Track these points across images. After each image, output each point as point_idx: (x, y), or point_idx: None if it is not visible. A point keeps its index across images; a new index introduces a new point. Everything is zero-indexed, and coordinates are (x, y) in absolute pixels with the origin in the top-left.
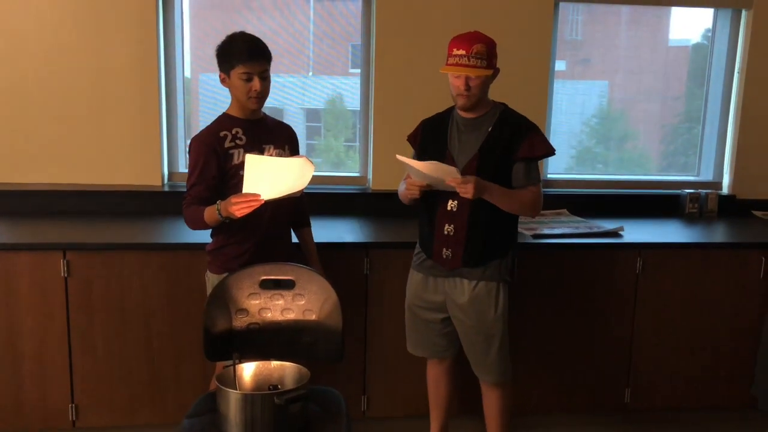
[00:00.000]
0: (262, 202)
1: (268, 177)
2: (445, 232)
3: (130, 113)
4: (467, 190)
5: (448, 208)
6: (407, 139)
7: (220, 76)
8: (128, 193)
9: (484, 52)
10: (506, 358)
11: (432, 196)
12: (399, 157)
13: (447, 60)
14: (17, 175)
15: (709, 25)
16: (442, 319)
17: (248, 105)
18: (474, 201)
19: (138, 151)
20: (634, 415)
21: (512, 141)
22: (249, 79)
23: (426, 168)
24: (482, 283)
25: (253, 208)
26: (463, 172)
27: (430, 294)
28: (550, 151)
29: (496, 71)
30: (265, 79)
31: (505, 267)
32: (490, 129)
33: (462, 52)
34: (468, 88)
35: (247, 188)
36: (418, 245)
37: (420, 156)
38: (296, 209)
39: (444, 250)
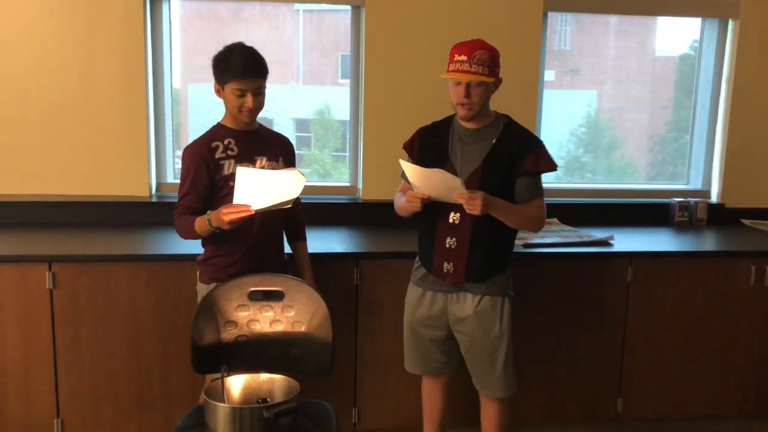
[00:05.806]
0: (253, 212)
1: (258, 189)
2: (447, 246)
3: (117, 124)
4: (474, 207)
5: (450, 220)
6: (403, 147)
7: (214, 87)
8: (116, 204)
9: (486, 59)
10: (511, 373)
11: (432, 208)
12: (402, 162)
13: (448, 66)
14: (2, 185)
15: (697, 35)
16: (444, 336)
17: (240, 118)
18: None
19: (126, 161)
20: (627, 425)
21: (517, 155)
22: (242, 95)
23: (429, 176)
24: (487, 297)
25: (242, 216)
26: (466, 185)
27: (431, 310)
28: (553, 167)
29: (499, 81)
30: (260, 95)
31: (508, 281)
32: (494, 141)
33: (463, 57)
34: (468, 95)
35: (237, 200)
36: (417, 259)
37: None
38: (293, 222)
39: (445, 264)
